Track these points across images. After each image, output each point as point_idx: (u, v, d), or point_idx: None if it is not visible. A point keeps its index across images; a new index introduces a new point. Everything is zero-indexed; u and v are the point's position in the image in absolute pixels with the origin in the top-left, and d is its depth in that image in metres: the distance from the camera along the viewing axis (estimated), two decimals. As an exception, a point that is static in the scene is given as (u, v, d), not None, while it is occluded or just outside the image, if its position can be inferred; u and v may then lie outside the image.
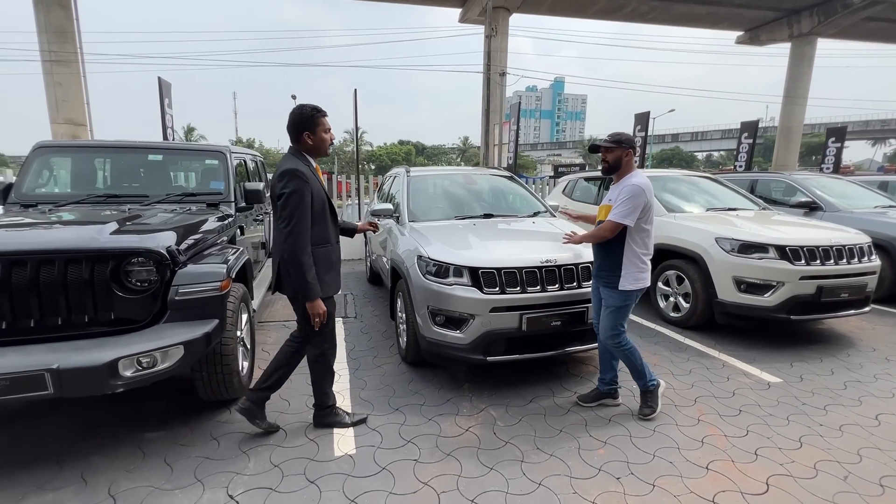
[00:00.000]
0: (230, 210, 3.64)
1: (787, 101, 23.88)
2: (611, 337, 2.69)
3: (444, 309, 2.95)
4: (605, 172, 2.74)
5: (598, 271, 2.73)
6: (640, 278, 2.60)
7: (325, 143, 2.38)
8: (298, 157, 2.34)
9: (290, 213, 2.19)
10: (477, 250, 3.06)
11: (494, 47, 18.14)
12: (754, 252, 3.83)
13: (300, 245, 2.20)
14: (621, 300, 2.62)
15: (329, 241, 2.41)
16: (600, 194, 6.09)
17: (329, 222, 2.41)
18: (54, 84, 19.29)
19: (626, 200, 2.52)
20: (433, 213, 4.00)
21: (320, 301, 2.29)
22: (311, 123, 2.33)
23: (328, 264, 2.41)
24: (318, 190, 2.33)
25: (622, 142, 2.63)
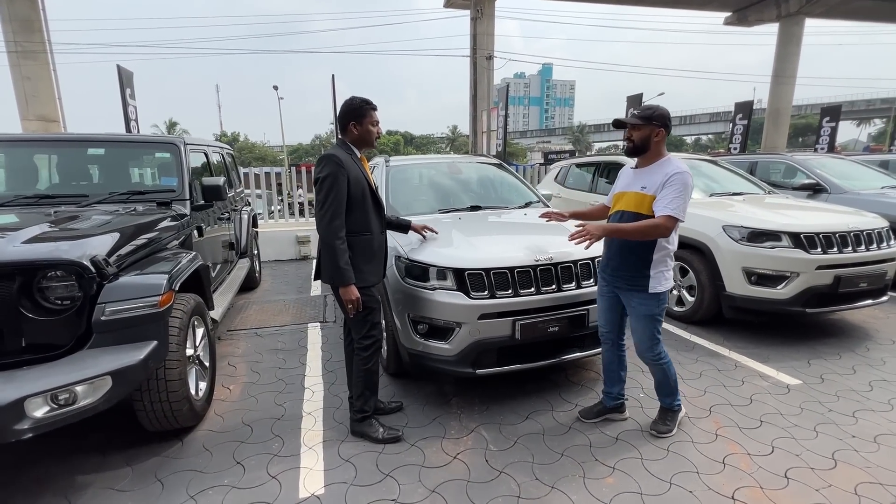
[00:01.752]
0: (184, 209, 3.22)
1: (775, 82, 23.67)
2: (649, 349, 2.32)
3: (426, 317, 2.60)
4: (630, 153, 2.31)
5: (617, 272, 2.32)
6: (668, 277, 2.26)
7: (371, 135, 2.34)
8: (342, 146, 2.32)
9: (324, 197, 2.16)
10: (462, 249, 2.70)
11: (481, 31, 17.57)
12: (765, 240, 3.52)
13: (333, 229, 2.16)
14: (656, 305, 2.25)
15: (369, 230, 2.32)
16: (595, 181, 5.75)
17: (371, 211, 2.33)
18: (22, 78, 18.37)
19: (680, 192, 2.10)
20: (415, 207, 3.61)
21: (353, 287, 2.21)
22: (358, 114, 2.29)
23: (368, 253, 2.33)
24: (359, 177, 2.26)
25: (653, 118, 2.18)
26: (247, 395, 2.95)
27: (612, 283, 2.39)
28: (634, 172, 2.34)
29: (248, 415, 2.70)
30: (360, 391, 2.43)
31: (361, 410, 2.44)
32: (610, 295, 2.42)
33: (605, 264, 2.41)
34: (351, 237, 2.26)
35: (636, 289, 2.25)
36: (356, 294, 2.22)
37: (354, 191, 2.24)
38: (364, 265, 2.31)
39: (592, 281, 2.72)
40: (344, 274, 2.18)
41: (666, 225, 2.11)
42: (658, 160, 2.24)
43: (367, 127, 2.32)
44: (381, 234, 2.43)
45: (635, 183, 2.29)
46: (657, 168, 2.22)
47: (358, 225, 2.29)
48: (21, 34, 18.59)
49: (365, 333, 2.38)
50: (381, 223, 2.43)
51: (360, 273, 2.28)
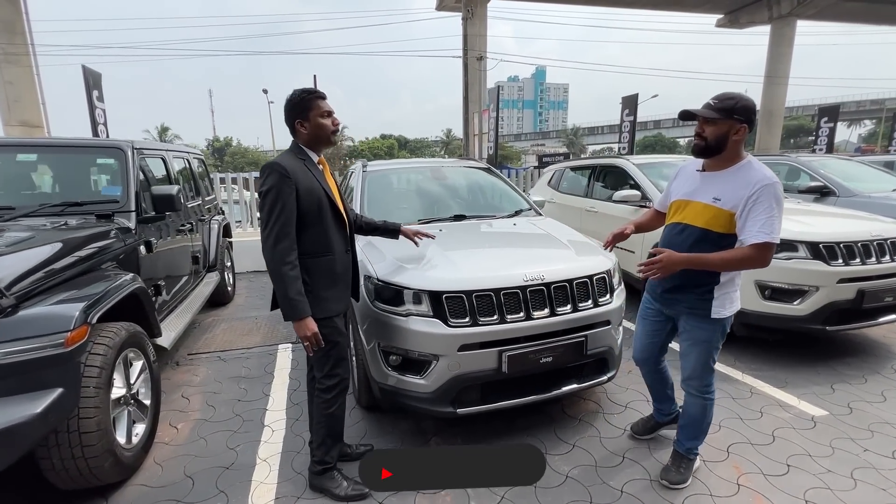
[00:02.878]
0: (128, 222, 2.84)
1: (768, 83, 23.61)
2: (700, 378, 1.95)
3: (398, 347, 2.23)
4: (699, 153, 1.82)
5: (673, 292, 1.94)
6: (735, 299, 1.89)
7: (325, 130, 1.95)
8: (293, 152, 1.96)
9: (267, 216, 1.80)
10: (440, 267, 2.33)
11: (473, 32, 17.28)
12: (780, 251, 3.18)
13: (279, 252, 1.79)
14: (718, 330, 1.89)
15: (330, 250, 1.96)
16: (591, 185, 5.41)
17: (331, 227, 1.96)
18: (4, 83, 17.90)
19: (773, 208, 1.66)
20: (393, 217, 3.20)
21: (309, 321, 1.83)
22: (301, 108, 1.91)
23: (330, 277, 1.96)
24: (312, 187, 1.89)
25: (734, 111, 1.68)
26: (196, 435, 2.56)
27: (666, 305, 2.01)
28: (702, 177, 1.86)
29: (192, 463, 2.31)
30: (321, 439, 2.05)
31: (322, 461, 2.06)
32: (657, 318, 2.08)
33: (656, 284, 2.01)
34: (307, 259, 1.89)
35: (696, 312, 1.88)
36: (313, 328, 1.83)
37: (307, 204, 1.87)
38: (325, 291, 1.93)
39: (591, 302, 2.37)
40: (295, 306, 1.79)
41: (761, 255, 1.68)
42: (735, 164, 1.77)
43: (317, 121, 1.92)
44: (345, 254, 2.05)
45: (704, 191, 1.82)
46: (735, 175, 1.75)
47: (315, 244, 1.92)
48: (3, 37, 18.09)
49: (328, 371, 2.01)
50: (345, 240, 2.05)
51: (321, 301, 1.91)
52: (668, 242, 1.93)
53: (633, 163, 4.72)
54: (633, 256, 4.34)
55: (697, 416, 2.03)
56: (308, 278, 1.89)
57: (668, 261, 1.74)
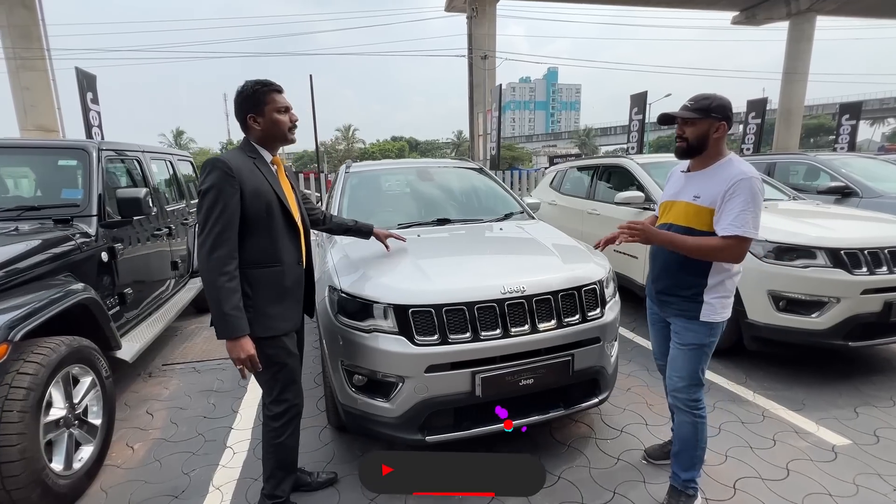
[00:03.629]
0: (88, 227, 2.68)
1: (786, 80, 22.93)
2: (687, 388, 1.84)
3: (361, 367, 2.01)
4: (682, 154, 1.84)
5: (664, 294, 1.90)
6: (726, 305, 1.81)
7: (280, 126, 1.75)
8: (243, 149, 1.76)
9: (204, 219, 1.60)
10: (409, 277, 2.11)
11: (481, 32, 17.04)
12: (796, 258, 2.89)
13: (215, 261, 1.58)
14: (705, 335, 1.81)
15: (279, 261, 1.74)
16: (593, 186, 5.13)
17: (282, 234, 1.76)
18: (21, 89, 18.26)
19: (748, 203, 1.65)
20: (372, 221, 3.03)
21: (244, 341, 1.61)
22: (254, 102, 1.71)
23: (277, 291, 1.74)
24: (261, 189, 1.69)
25: (710, 110, 1.72)
26: (152, 457, 2.38)
27: (660, 307, 1.96)
28: (686, 177, 1.87)
29: (140, 490, 2.12)
30: (270, 471, 1.85)
31: (272, 496, 1.85)
32: (661, 323, 2.04)
33: (651, 284, 2.00)
34: (251, 270, 1.68)
35: (685, 314, 1.83)
36: (248, 350, 1.61)
37: (254, 207, 1.67)
38: (270, 307, 1.72)
39: (579, 317, 2.12)
40: (230, 323, 1.57)
41: (732, 248, 1.67)
42: (716, 162, 1.78)
43: (272, 117, 1.72)
44: (297, 266, 1.83)
45: (686, 190, 1.83)
46: (715, 172, 1.76)
47: (261, 254, 1.71)
48: (20, 43, 18.45)
49: (276, 396, 1.80)
50: (297, 250, 1.83)
51: (265, 318, 1.70)
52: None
53: (637, 162, 4.44)
54: (636, 262, 4.06)
55: (689, 439, 1.86)
56: (251, 291, 1.69)
57: (646, 229, 1.74)
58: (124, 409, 2.88)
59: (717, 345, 2.87)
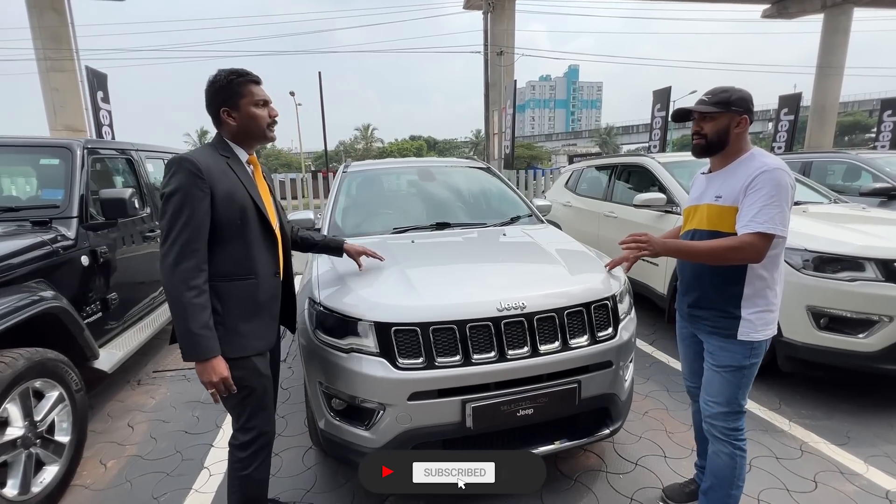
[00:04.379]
0: (68, 230, 2.54)
1: (820, 76, 21.85)
2: (725, 416, 1.62)
3: (340, 391, 1.80)
4: (701, 152, 1.65)
5: (695, 308, 1.69)
6: (769, 321, 1.58)
7: (258, 122, 1.57)
8: (214, 146, 1.58)
9: (168, 225, 1.41)
10: (394, 290, 1.88)
11: (500, 28, 16.67)
12: (841, 269, 2.55)
13: (181, 273, 1.40)
14: (744, 356, 1.58)
15: (253, 273, 1.55)
16: (611, 186, 4.82)
17: (257, 243, 1.57)
18: (51, 90, 18.81)
19: (772, 197, 1.45)
20: (366, 225, 2.83)
21: (215, 363, 1.43)
22: (228, 94, 1.53)
23: (250, 307, 1.55)
24: (234, 192, 1.51)
25: (731, 103, 1.54)
26: (123, 477, 2.22)
27: (691, 323, 1.75)
28: (708, 179, 1.69)
29: None
30: (239, 500, 1.65)
31: (236, 533, 1.65)
32: (693, 339, 1.80)
33: (681, 297, 1.79)
34: (221, 283, 1.49)
35: (720, 332, 1.60)
36: (221, 372, 1.43)
37: (226, 213, 1.48)
38: (242, 324, 1.52)
39: (587, 338, 1.86)
40: (199, 343, 1.39)
41: (752, 245, 1.45)
42: (738, 158, 1.59)
43: (249, 111, 1.53)
44: (273, 278, 1.62)
45: (709, 192, 1.65)
46: (737, 168, 1.57)
47: (233, 265, 1.51)
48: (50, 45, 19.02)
49: (243, 424, 1.60)
50: (274, 261, 1.63)
51: (235, 337, 1.51)
52: None
53: (658, 161, 4.11)
54: (655, 270, 3.74)
55: (725, 474, 1.64)
56: (220, 307, 1.49)
57: (651, 240, 1.58)
58: (106, 421, 2.75)
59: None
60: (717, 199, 1.59)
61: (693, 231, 1.68)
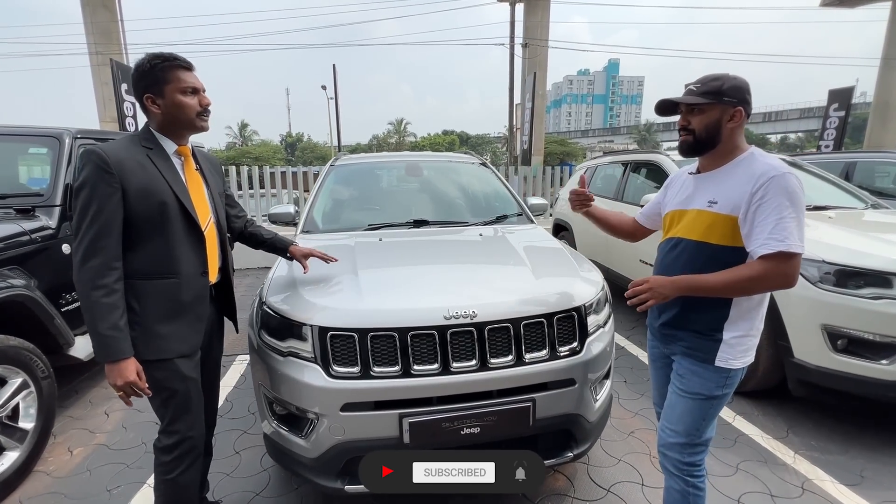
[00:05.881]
0: (50, 218, 2.58)
1: (885, 68, 20.01)
2: (682, 448, 1.43)
3: (276, 397, 1.71)
4: (688, 150, 1.43)
5: (670, 327, 1.48)
6: (750, 347, 1.38)
7: (185, 110, 1.46)
8: (138, 136, 1.49)
9: (77, 221, 1.35)
10: (339, 292, 1.77)
11: (534, 21, 16.20)
12: (864, 285, 2.24)
13: (87, 272, 1.33)
14: (717, 385, 1.39)
15: (174, 271, 1.48)
16: (623, 184, 4.53)
17: (179, 240, 1.48)
18: (101, 84, 19.92)
19: (786, 207, 1.23)
20: (342, 221, 2.73)
21: (124, 365, 1.36)
22: (152, 81, 1.43)
23: (172, 307, 1.48)
24: (151, 187, 1.42)
25: (722, 93, 1.32)
26: (84, 466, 2.23)
27: (663, 342, 1.54)
28: (696, 180, 1.46)
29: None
30: None
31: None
32: (664, 361, 1.61)
33: (655, 314, 1.54)
34: (139, 281, 1.43)
35: (695, 355, 1.40)
36: (128, 376, 1.36)
37: (142, 209, 1.40)
38: (161, 325, 1.45)
39: (546, 352, 1.69)
40: (108, 345, 1.33)
41: (778, 271, 1.23)
42: (734, 158, 1.38)
43: (175, 99, 1.44)
44: (199, 277, 1.53)
45: (698, 195, 1.42)
46: (734, 170, 1.36)
47: (151, 262, 1.44)
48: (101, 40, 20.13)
49: (165, 426, 1.55)
50: (200, 259, 1.54)
51: (153, 338, 1.44)
52: (660, 263, 1.52)
53: (672, 159, 3.81)
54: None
55: None
56: (138, 306, 1.43)
57: (657, 285, 1.36)
58: (86, 407, 2.80)
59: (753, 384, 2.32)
60: (710, 205, 1.36)
61: (677, 241, 1.44)
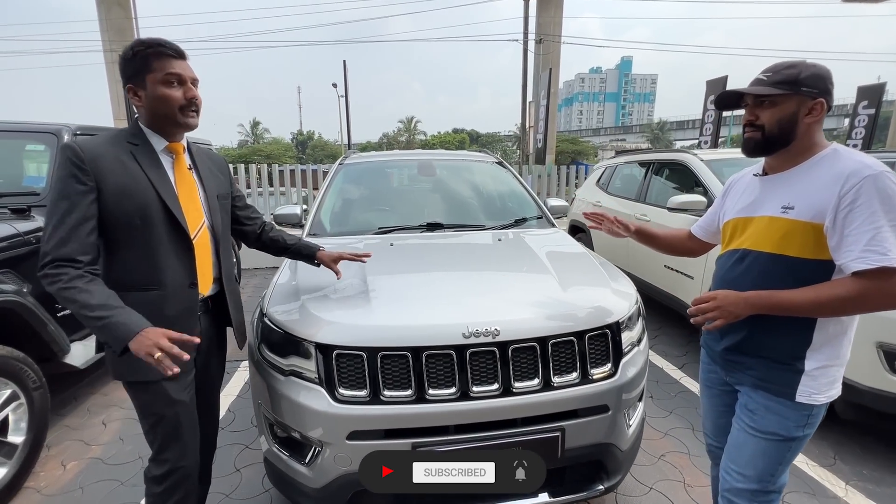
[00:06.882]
0: (46, 218, 2.46)
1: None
2: (751, 495, 1.23)
3: (276, 419, 1.55)
4: (755, 149, 1.22)
5: (738, 354, 1.26)
6: (836, 378, 1.19)
7: (168, 104, 1.30)
8: (125, 132, 1.35)
9: (47, 218, 1.22)
10: (345, 306, 1.60)
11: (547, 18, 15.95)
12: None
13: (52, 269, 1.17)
14: (797, 424, 1.18)
15: (156, 283, 1.31)
16: (646, 185, 4.31)
17: (161, 247, 1.31)
18: (115, 81, 20.11)
19: (884, 211, 1.03)
20: (352, 223, 2.57)
21: (145, 335, 1.15)
22: (134, 69, 1.28)
23: (154, 323, 1.25)
24: (132, 187, 1.27)
25: (799, 82, 1.12)
26: (76, 483, 2.11)
27: (726, 369, 1.33)
28: (764, 182, 1.26)
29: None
30: None
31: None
32: (723, 387, 1.40)
33: (717, 336, 1.32)
34: (119, 293, 1.26)
35: (769, 388, 1.20)
36: (155, 338, 1.14)
37: (120, 211, 1.25)
38: None
39: (577, 374, 1.51)
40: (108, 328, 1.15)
41: (882, 289, 1.03)
42: (811, 156, 1.17)
43: (157, 91, 1.28)
44: (188, 289, 1.36)
45: (768, 200, 1.22)
46: (814, 170, 1.15)
47: (130, 272, 1.29)
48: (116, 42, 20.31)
49: (154, 454, 1.40)
50: (188, 269, 1.37)
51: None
52: (722, 278, 1.30)
53: (700, 158, 3.59)
54: (690, 283, 3.26)
55: None
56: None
57: (727, 302, 1.16)
58: (84, 415, 2.68)
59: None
60: (784, 211, 1.16)
61: (743, 253, 1.24)
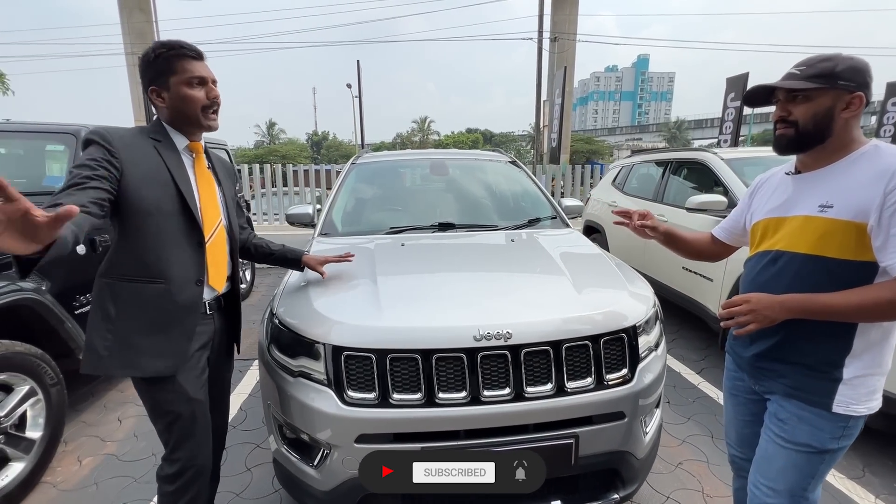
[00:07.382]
0: (64, 217, 2.50)
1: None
2: None
3: (285, 420, 1.54)
4: (786, 147, 1.16)
5: (769, 361, 1.20)
6: (877, 388, 1.12)
7: (190, 104, 1.32)
8: (149, 129, 1.35)
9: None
10: (354, 307, 1.58)
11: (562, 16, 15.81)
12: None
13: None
14: (833, 436, 1.12)
15: (160, 275, 1.30)
16: (664, 185, 4.21)
17: (171, 239, 1.31)
18: (136, 84, 20.61)
19: None
20: (363, 223, 2.56)
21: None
22: (156, 71, 1.30)
23: (152, 317, 1.30)
24: (155, 176, 1.28)
25: (836, 75, 1.06)
26: (92, 479, 2.13)
27: (756, 377, 1.26)
28: (796, 181, 1.20)
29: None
30: None
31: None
32: (749, 395, 1.33)
33: (745, 342, 1.26)
34: (119, 282, 1.28)
35: (804, 398, 1.14)
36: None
37: (140, 196, 1.25)
38: (137, 336, 1.28)
39: (592, 380, 1.46)
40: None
41: None
42: (850, 153, 1.11)
43: (180, 92, 1.30)
44: (193, 285, 1.35)
45: (803, 199, 1.15)
46: (853, 167, 1.09)
47: (136, 262, 1.28)
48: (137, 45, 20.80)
49: (168, 453, 1.41)
50: (197, 266, 1.36)
51: (127, 350, 1.28)
52: (753, 281, 1.23)
53: (721, 157, 3.49)
54: (709, 286, 3.17)
55: None
56: (114, 311, 1.28)
57: (761, 305, 1.10)
58: (100, 412, 2.72)
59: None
60: (822, 210, 1.10)
61: (776, 254, 1.17)
